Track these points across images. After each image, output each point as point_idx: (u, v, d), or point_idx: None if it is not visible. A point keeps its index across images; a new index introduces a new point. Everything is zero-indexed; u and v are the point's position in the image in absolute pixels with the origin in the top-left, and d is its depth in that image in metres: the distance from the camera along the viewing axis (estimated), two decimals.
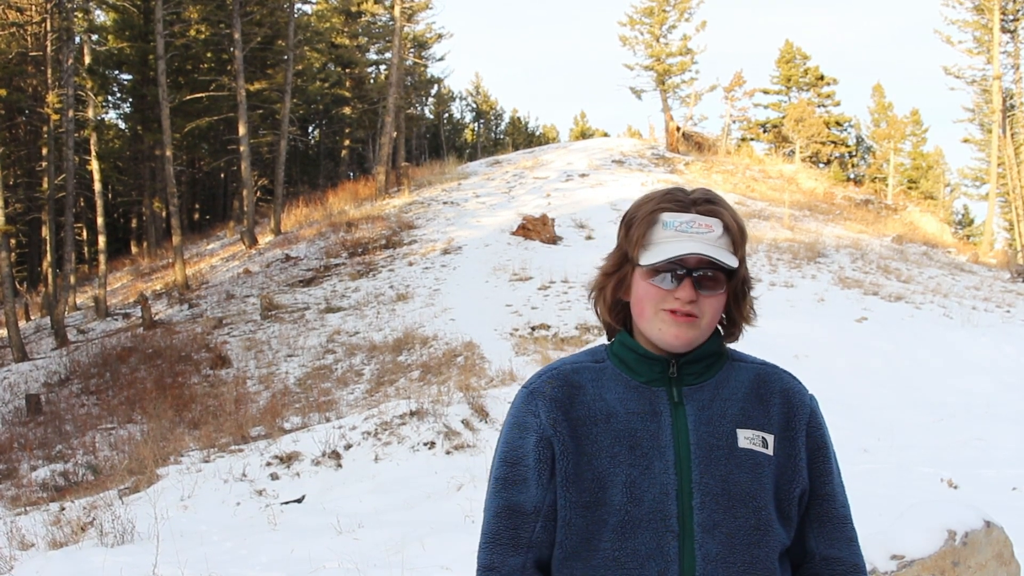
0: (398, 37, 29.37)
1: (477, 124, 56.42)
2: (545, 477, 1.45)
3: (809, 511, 1.50)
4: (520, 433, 1.48)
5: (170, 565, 5.37)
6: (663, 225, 1.45)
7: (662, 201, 1.47)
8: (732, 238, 1.46)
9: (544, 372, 1.53)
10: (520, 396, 1.52)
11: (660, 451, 1.42)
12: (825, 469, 1.51)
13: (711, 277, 1.43)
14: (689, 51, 35.79)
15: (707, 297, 1.44)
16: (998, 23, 31.16)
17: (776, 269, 16.76)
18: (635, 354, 1.49)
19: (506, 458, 1.48)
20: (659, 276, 1.44)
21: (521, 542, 1.45)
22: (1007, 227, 41.39)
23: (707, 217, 1.45)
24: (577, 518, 1.42)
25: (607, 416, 1.45)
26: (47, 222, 23.98)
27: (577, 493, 1.43)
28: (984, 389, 10.33)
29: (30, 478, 9.98)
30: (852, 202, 28.98)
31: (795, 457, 1.47)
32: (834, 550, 1.50)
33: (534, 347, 12.82)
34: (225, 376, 13.85)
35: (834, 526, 1.51)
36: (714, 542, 1.39)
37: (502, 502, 1.47)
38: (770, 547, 1.42)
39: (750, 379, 1.51)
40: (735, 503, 1.40)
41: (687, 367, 1.47)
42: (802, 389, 1.54)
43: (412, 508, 6.99)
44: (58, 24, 21.11)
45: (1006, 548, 3.72)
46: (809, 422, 1.50)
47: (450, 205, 23.99)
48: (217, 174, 37.43)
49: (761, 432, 1.45)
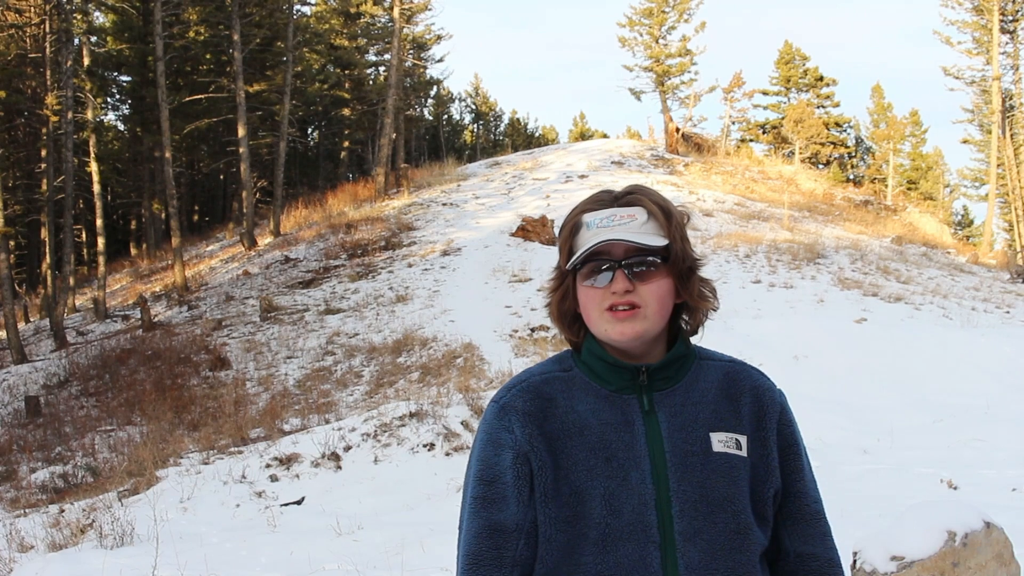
0: (397, 38, 29.39)
1: (476, 125, 56.42)
2: (525, 494, 1.43)
3: (782, 508, 1.49)
4: (495, 450, 1.45)
5: (170, 567, 5.37)
6: (586, 226, 1.44)
7: (585, 205, 1.48)
8: (658, 221, 1.44)
9: (514, 385, 1.51)
10: (491, 411, 1.49)
11: (636, 461, 1.40)
12: (796, 466, 1.50)
13: (644, 263, 1.41)
14: (688, 52, 35.80)
15: (644, 285, 1.41)
16: (997, 24, 31.19)
17: (776, 270, 16.76)
18: (603, 363, 1.46)
19: (483, 476, 1.45)
20: (592, 277, 1.43)
21: (505, 561, 1.42)
22: (1007, 228, 41.43)
23: (628, 207, 1.44)
24: (558, 533, 1.41)
25: (580, 429, 1.43)
26: (46, 224, 23.96)
27: (556, 508, 1.41)
28: (984, 390, 10.32)
29: (29, 480, 9.97)
30: (851, 203, 28.99)
31: (768, 456, 1.46)
32: (808, 546, 1.49)
33: (533, 348, 12.82)
34: (224, 378, 13.84)
35: (807, 522, 1.50)
36: (695, 550, 1.38)
37: (483, 522, 1.44)
38: (751, 551, 1.41)
39: (719, 378, 1.49)
40: (714, 509, 1.39)
41: (657, 373, 1.45)
42: (771, 386, 1.52)
43: (412, 509, 6.99)
44: (57, 26, 21.10)
45: (1006, 549, 3.72)
46: (780, 419, 1.49)
47: (449, 206, 23.99)
48: (216, 176, 37.42)
49: (734, 434, 1.44)
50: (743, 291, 15.06)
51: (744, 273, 16.41)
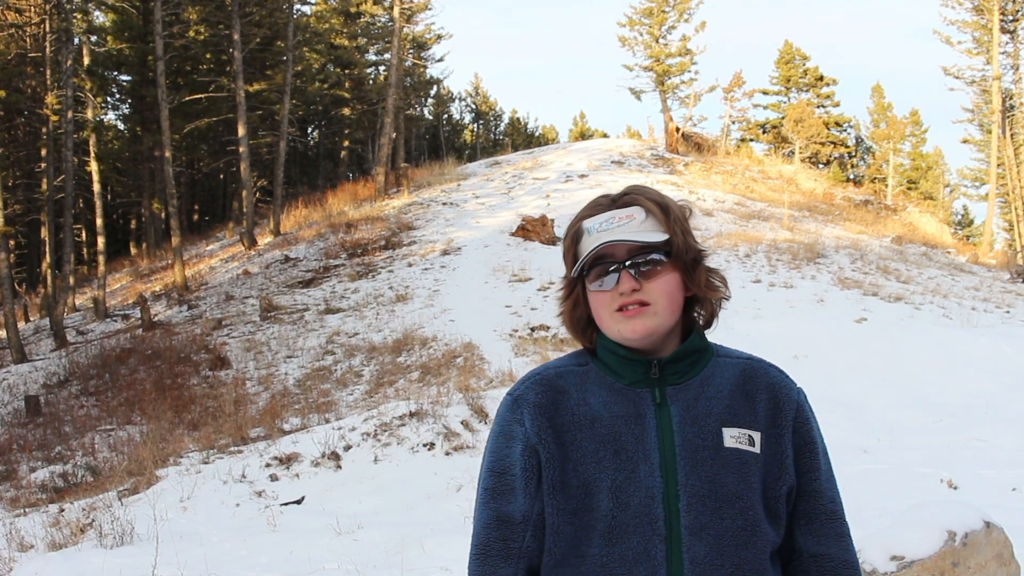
0: (397, 38, 29.38)
1: (476, 125, 56.42)
2: (532, 486, 1.44)
3: (797, 507, 1.48)
4: (506, 442, 1.48)
5: (169, 566, 5.37)
6: (587, 232, 1.46)
7: (584, 211, 1.50)
8: (656, 219, 1.46)
9: (528, 377, 1.53)
10: (505, 403, 1.51)
11: (645, 454, 1.40)
12: (812, 464, 1.48)
13: (647, 261, 1.42)
14: (688, 52, 35.80)
15: (651, 282, 1.42)
16: (997, 23, 31.19)
17: (776, 270, 16.76)
18: (617, 356, 1.47)
19: (493, 468, 1.48)
20: (599, 281, 1.44)
21: (512, 552, 1.45)
22: (1007, 227, 41.42)
23: (625, 208, 1.46)
24: (565, 525, 1.42)
25: (591, 421, 1.44)
26: (46, 223, 23.96)
27: (564, 500, 1.42)
28: (984, 389, 10.32)
29: (29, 479, 9.97)
30: (851, 203, 28.98)
31: (782, 454, 1.45)
32: (823, 547, 1.48)
33: (533, 348, 12.82)
34: (224, 377, 13.84)
35: (822, 523, 1.48)
36: (702, 544, 1.37)
37: (491, 512, 1.46)
38: (759, 547, 1.41)
39: (736, 375, 1.48)
40: (722, 504, 1.39)
41: (670, 366, 1.45)
42: (789, 383, 1.51)
43: (412, 509, 6.99)
44: (57, 25, 21.10)
45: (1006, 549, 3.72)
46: (796, 417, 1.48)
47: (449, 206, 23.99)
48: (216, 175, 37.42)
49: (747, 430, 1.43)
50: (743, 291, 15.06)
51: (744, 273, 16.41)
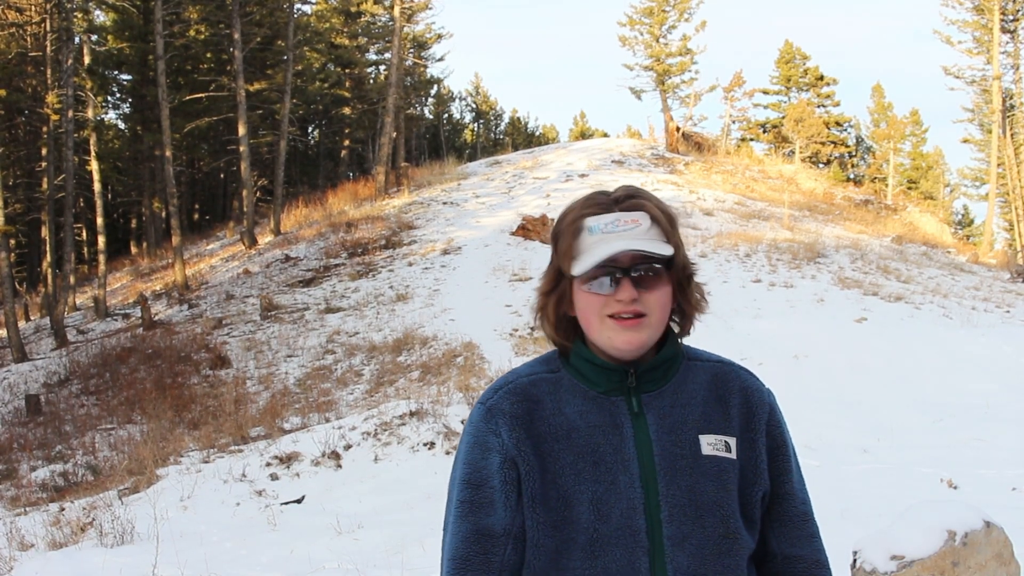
0: (398, 37, 29.37)
1: (477, 124, 56.42)
2: (512, 499, 1.41)
3: (770, 511, 1.48)
4: (482, 453, 1.44)
5: (170, 565, 5.37)
6: (589, 231, 1.40)
7: (584, 207, 1.43)
8: (662, 227, 1.41)
9: (500, 386, 1.48)
10: (478, 413, 1.47)
11: (624, 465, 1.38)
12: (784, 467, 1.48)
13: (649, 272, 1.38)
14: (689, 51, 35.81)
15: (650, 293, 1.38)
16: (998, 23, 31.18)
17: (776, 269, 16.76)
18: (591, 364, 1.43)
19: (469, 480, 1.44)
20: (595, 282, 1.39)
21: (493, 566, 1.41)
22: (1007, 227, 41.42)
23: (631, 212, 1.40)
24: (546, 538, 1.39)
25: (568, 432, 1.41)
26: (47, 222, 23.97)
27: (544, 513, 1.39)
28: (984, 389, 10.31)
29: (30, 478, 9.98)
30: (852, 202, 28.98)
31: (756, 458, 1.44)
32: (796, 548, 1.48)
33: (534, 347, 12.82)
34: (225, 376, 13.85)
35: (795, 525, 1.48)
36: (684, 555, 1.36)
37: (470, 526, 1.42)
38: (739, 555, 1.40)
39: (707, 379, 1.47)
40: (703, 513, 1.38)
41: (646, 375, 1.43)
42: (760, 386, 1.50)
43: (412, 508, 6.99)
44: (57, 24, 21.11)
45: (1006, 548, 3.72)
46: (769, 420, 1.47)
47: (450, 205, 23.99)
48: (217, 174, 37.42)
49: (724, 436, 1.42)
50: (743, 290, 15.06)
51: (744, 272, 16.40)
